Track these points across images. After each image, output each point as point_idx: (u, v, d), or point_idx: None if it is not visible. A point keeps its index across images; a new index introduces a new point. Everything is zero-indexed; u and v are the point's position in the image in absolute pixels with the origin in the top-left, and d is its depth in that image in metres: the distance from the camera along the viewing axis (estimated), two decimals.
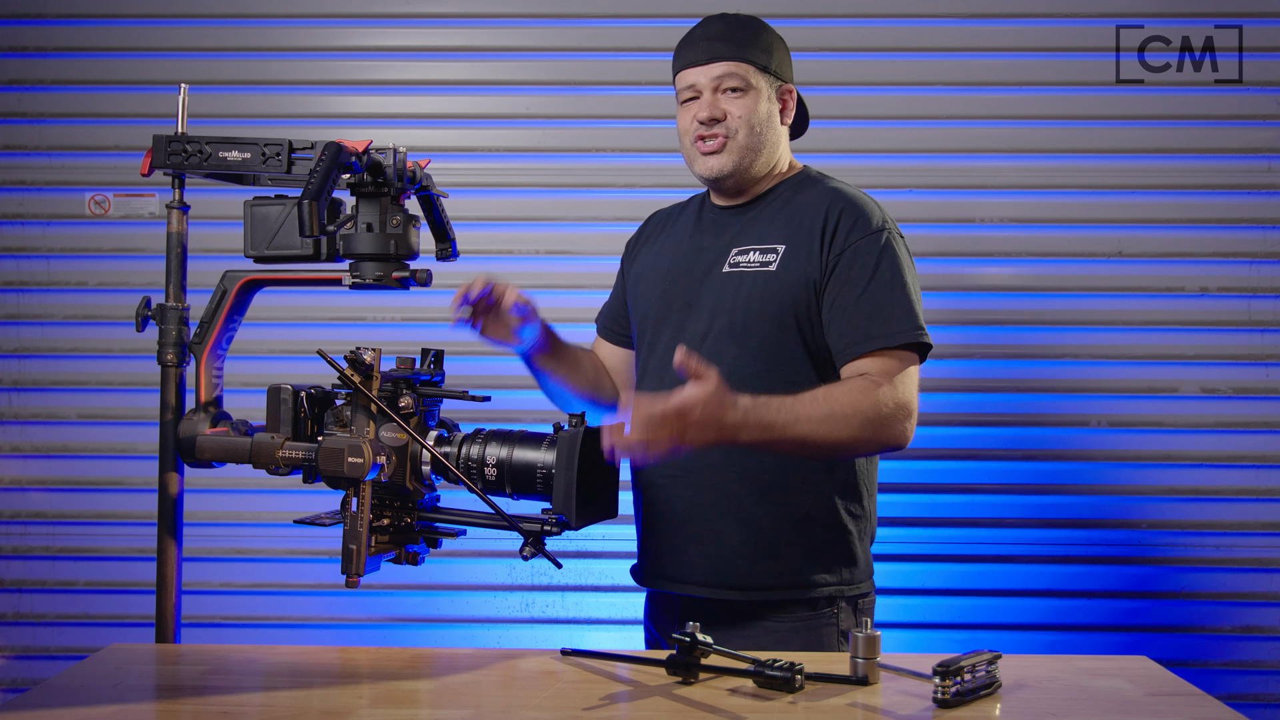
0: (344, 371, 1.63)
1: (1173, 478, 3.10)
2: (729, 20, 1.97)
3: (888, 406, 1.76)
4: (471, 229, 2.72)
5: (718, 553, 1.90)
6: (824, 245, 1.88)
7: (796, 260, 1.89)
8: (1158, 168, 3.11)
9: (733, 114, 1.93)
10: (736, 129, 1.93)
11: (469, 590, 3.15)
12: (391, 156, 1.69)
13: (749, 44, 1.94)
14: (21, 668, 3.18)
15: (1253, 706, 3.07)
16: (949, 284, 3.08)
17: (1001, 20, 3.14)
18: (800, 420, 1.70)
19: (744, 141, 1.93)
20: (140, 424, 3.12)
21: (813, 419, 1.71)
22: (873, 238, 1.88)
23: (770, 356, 1.89)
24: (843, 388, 1.78)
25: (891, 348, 1.82)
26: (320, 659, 1.70)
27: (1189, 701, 1.47)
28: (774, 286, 1.89)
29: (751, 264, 1.92)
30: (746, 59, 1.93)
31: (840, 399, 1.75)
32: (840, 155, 2.98)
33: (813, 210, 1.92)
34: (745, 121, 1.93)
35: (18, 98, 3.19)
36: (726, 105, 1.93)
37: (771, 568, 1.89)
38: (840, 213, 1.90)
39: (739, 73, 1.93)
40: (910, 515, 3.08)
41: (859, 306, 1.85)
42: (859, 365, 1.83)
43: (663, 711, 1.42)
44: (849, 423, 1.73)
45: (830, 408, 1.73)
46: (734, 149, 1.93)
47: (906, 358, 1.83)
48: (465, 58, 3.19)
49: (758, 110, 1.94)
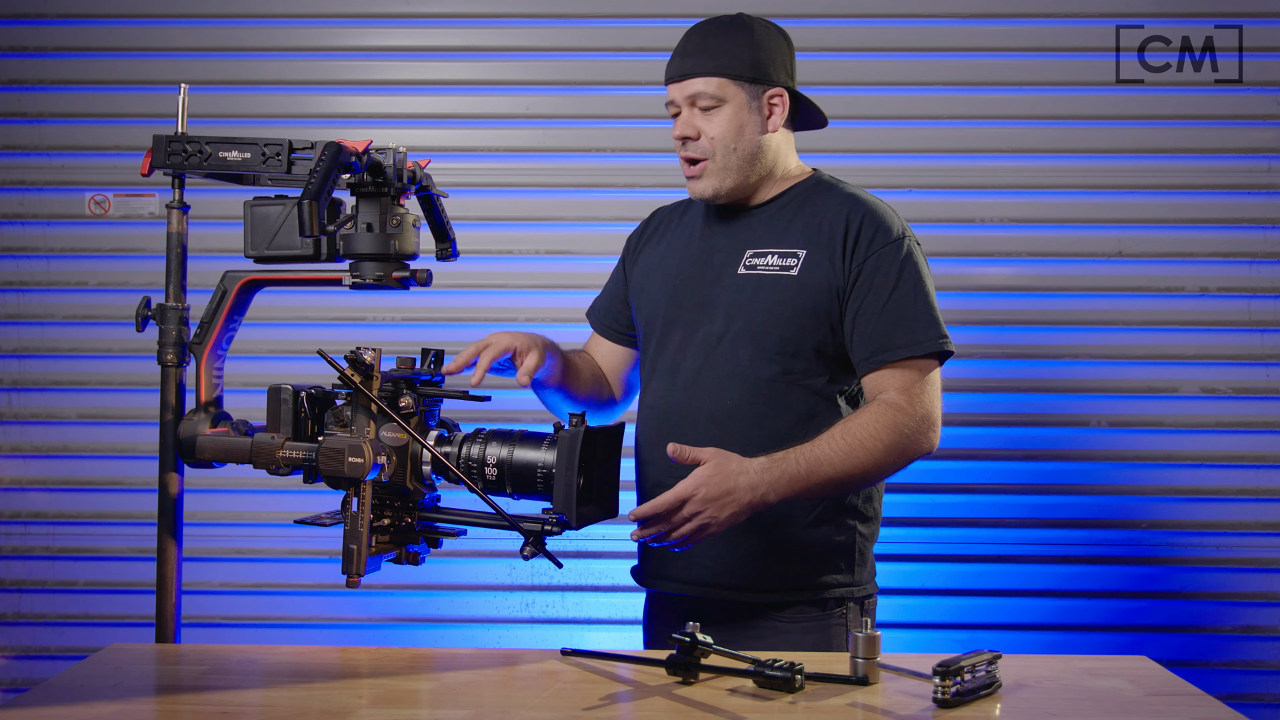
0: (344, 371, 1.63)
1: (1173, 478, 3.10)
2: (707, 30, 1.94)
3: (910, 424, 1.81)
4: (471, 229, 2.72)
5: (729, 554, 1.89)
6: (846, 253, 1.89)
7: (819, 266, 1.89)
8: (1158, 168, 3.11)
9: (706, 133, 1.91)
10: (713, 150, 1.92)
11: (469, 590, 3.15)
12: (391, 156, 1.69)
13: (724, 53, 1.90)
14: (21, 668, 3.18)
15: (1253, 706, 3.07)
16: (949, 284, 3.07)
17: (1001, 20, 3.14)
18: (823, 464, 1.76)
19: (721, 162, 1.92)
20: (140, 424, 3.12)
21: (835, 460, 1.77)
22: (894, 246, 1.88)
23: (787, 359, 1.89)
24: (860, 419, 1.80)
25: (915, 357, 1.85)
26: (320, 659, 1.70)
27: (1189, 701, 1.47)
28: (795, 291, 1.89)
29: (770, 267, 1.92)
30: (718, 72, 1.90)
31: (858, 431, 1.78)
32: (841, 155, 2.97)
33: (832, 216, 1.92)
34: (719, 141, 1.91)
35: (18, 98, 3.19)
36: (700, 123, 1.92)
37: (783, 569, 1.90)
38: (861, 220, 1.90)
39: (708, 90, 1.90)
40: (910, 515, 3.08)
41: (883, 316, 1.86)
42: (881, 376, 1.86)
43: (663, 711, 1.42)
44: (873, 453, 1.78)
45: (851, 443, 1.77)
46: (713, 171, 1.93)
47: (928, 365, 1.86)
48: (465, 58, 3.19)
49: (732, 126, 1.91)
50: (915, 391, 1.83)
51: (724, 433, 1.88)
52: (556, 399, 2.05)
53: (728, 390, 1.90)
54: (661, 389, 1.98)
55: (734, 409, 1.89)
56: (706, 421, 1.91)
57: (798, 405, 1.89)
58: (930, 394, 1.85)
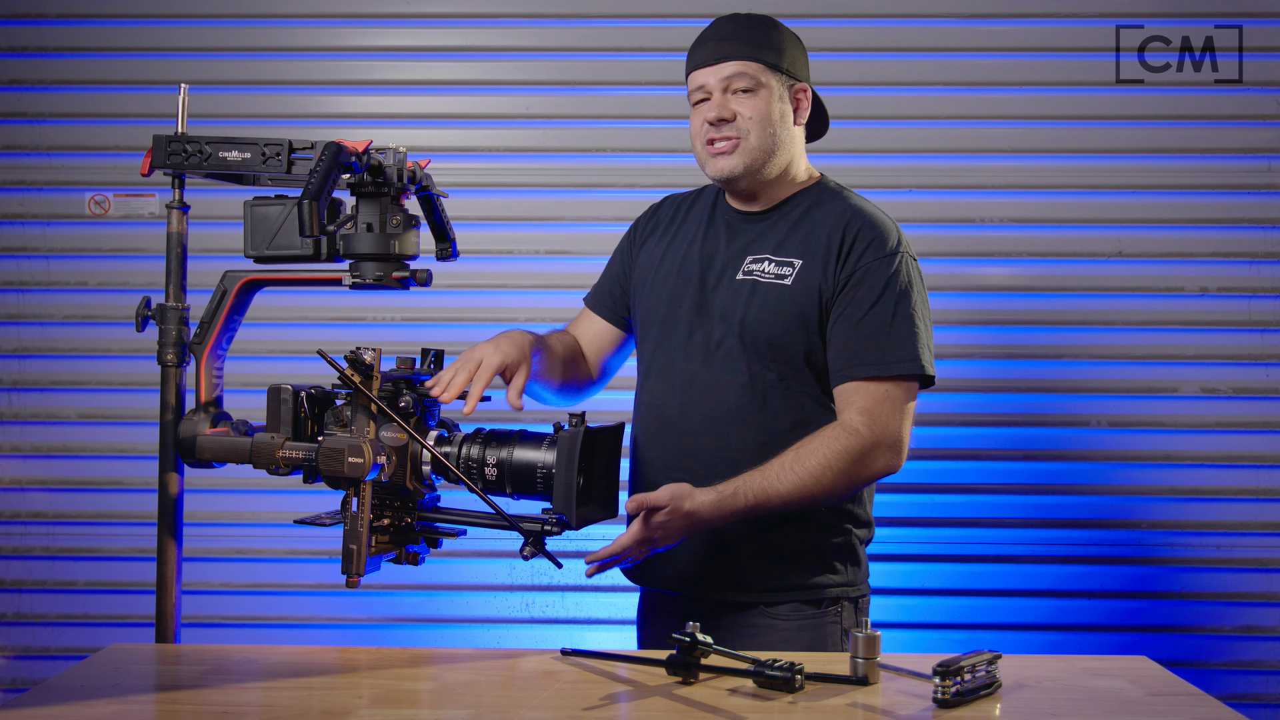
0: (344, 371, 1.63)
1: (1173, 478, 3.10)
2: (739, 20, 1.95)
3: (863, 448, 1.80)
4: (471, 229, 2.72)
5: (723, 553, 1.90)
6: (838, 262, 1.88)
7: (811, 276, 1.89)
8: (1158, 168, 3.11)
9: (743, 114, 1.90)
10: (748, 129, 1.90)
11: (469, 590, 3.14)
12: (391, 156, 1.69)
13: (759, 43, 1.92)
14: (21, 668, 3.18)
15: (1253, 706, 3.07)
16: (949, 284, 3.08)
17: (1001, 20, 3.13)
18: (771, 496, 1.78)
19: (756, 142, 1.91)
20: (140, 424, 3.12)
21: (783, 487, 1.79)
22: (885, 261, 1.87)
23: (780, 365, 1.89)
24: (813, 444, 1.81)
25: (881, 378, 1.83)
26: (320, 659, 1.70)
27: (1189, 701, 1.47)
28: (787, 300, 1.89)
29: (766, 275, 1.91)
30: (756, 58, 1.90)
31: (809, 458, 1.79)
32: (841, 155, 2.97)
33: (830, 226, 1.91)
34: (756, 122, 1.90)
35: (18, 98, 3.19)
36: (736, 105, 1.91)
37: (779, 568, 1.90)
38: (858, 232, 1.89)
39: (748, 72, 1.90)
40: (910, 515, 3.08)
41: (858, 330, 1.85)
42: (846, 391, 1.86)
43: (663, 711, 1.42)
44: (821, 480, 1.79)
45: (800, 472, 1.79)
46: (746, 150, 1.91)
47: (899, 387, 1.84)
48: (465, 58, 3.19)
49: (769, 110, 1.91)
50: (876, 413, 1.82)
51: (719, 435, 1.89)
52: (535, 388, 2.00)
53: (724, 394, 1.90)
54: (659, 390, 1.98)
55: (730, 412, 1.89)
56: (703, 424, 1.91)
57: (792, 410, 1.89)
58: (891, 416, 1.82)
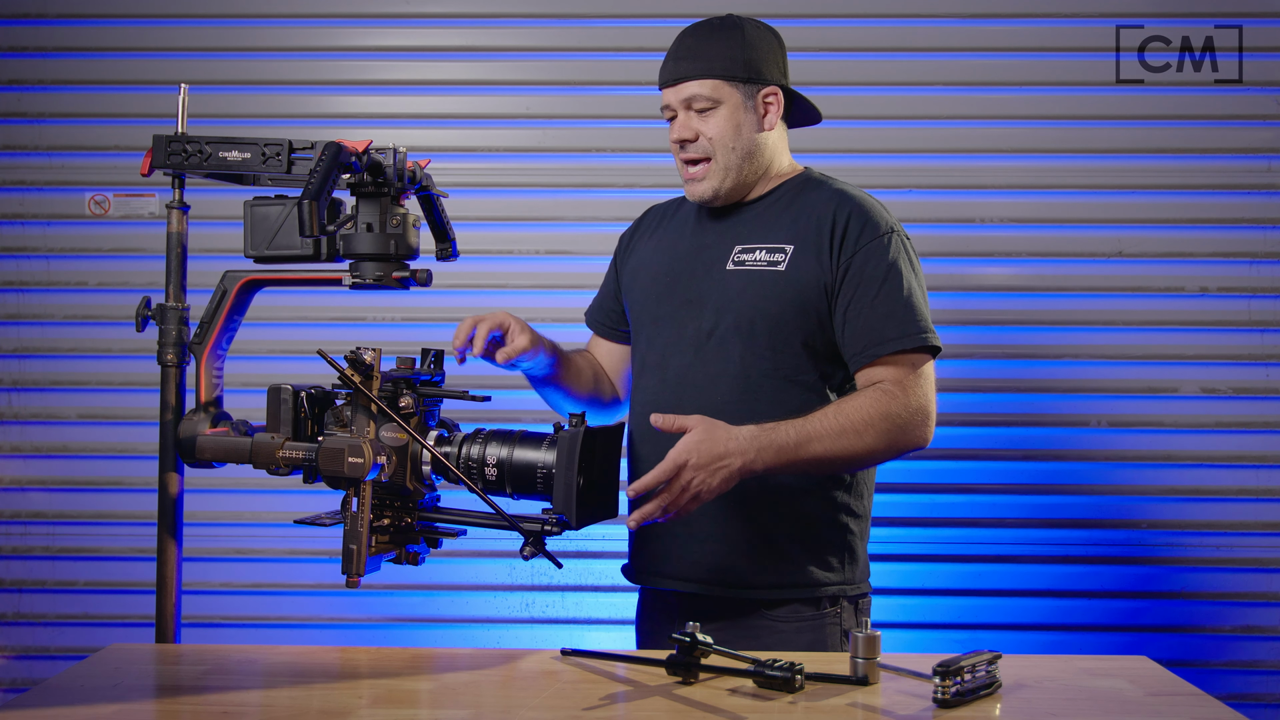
0: (344, 371, 1.63)
1: (1173, 478, 3.11)
2: (699, 34, 1.95)
3: (903, 414, 1.80)
4: (471, 229, 2.72)
5: (722, 550, 1.90)
6: (834, 248, 1.89)
7: (806, 261, 1.89)
8: (1158, 168, 3.11)
9: (704, 134, 1.92)
10: (713, 150, 1.93)
11: (469, 590, 3.15)
12: (391, 156, 1.69)
13: (716, 56, 1.91)
14: (21, 668, 3.18)
15: (1253, 706, 3.08)
16: (949, 284, 3.08)
17: (1001, 20, 3.14)
18: (814, 439, 1.75)
19: (724, 161, 1.93)
20: (140, 424, 3.12)
21: (826, 436, 1.76)
22: (881, 241, 1.88)
23: (777, 354, 1.89)
24: (855, 401, 1.80)
25: (906, 350, 1.84)
26: (320, 659, 1.70)
27: (1189, 701, 1.47)
28: (783, 286, 1.89)
29: (758, 262, 1.92)
30: (711, 74, 1.91)
31: (853, 413, 1.78)
32: (840, 155, 2.98)
33: (820, 211, 1.92)
34: (718, 141, 1.92)
35: (18, 98, 3.19)
36: (698, 125, 1.92)
37: (776, 566, 1.90)
38: (849, 216, 1.90)
39: (703, 92, 1.91)
40: (910, 515, 3.08)
41: (873, 310, 1.86)
42: (874, 371, 1.85)
43: (663, 711, 1.42)
44: (863, 435, 1.77)
45: (843, 422, 1.77)
46: (715, 171, 1.93)
47: (920, 360, 1.85)
48: (465, 58, 3.19)
49: (730, 125, 1.92)
50: (909, 384, 1.83)
51: None
52: (557, 397, 2.06)
53: (718, 386, 1.90)
54: (652, 385, 1.98)
55: (724, 405, 1.88)
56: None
57: (788, 401, 1.88)
58: (925, 387, 1.84)
